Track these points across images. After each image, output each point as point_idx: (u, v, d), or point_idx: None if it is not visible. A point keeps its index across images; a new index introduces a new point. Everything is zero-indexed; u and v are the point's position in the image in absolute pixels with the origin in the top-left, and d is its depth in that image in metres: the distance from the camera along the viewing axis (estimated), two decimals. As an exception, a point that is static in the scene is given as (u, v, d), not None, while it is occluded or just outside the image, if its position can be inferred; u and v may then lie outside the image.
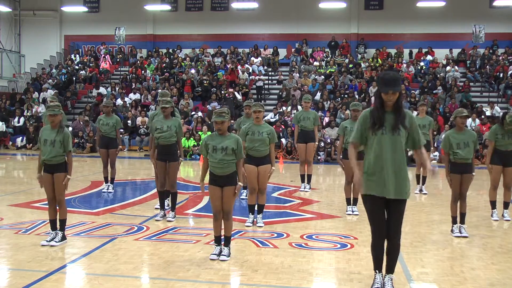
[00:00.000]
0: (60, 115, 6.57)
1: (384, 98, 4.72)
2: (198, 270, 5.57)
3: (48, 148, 6.42)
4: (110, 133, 10.57)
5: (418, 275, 5.45)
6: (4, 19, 28.03)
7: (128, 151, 20.50)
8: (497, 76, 22.91)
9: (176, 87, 23.10)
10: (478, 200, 9.98)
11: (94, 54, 27.41)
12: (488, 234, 7.49)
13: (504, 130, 8.03)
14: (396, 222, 4.81)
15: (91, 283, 5.20)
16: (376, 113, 4.75)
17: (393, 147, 4.72)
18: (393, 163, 4.71)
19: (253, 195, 7.70)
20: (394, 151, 4.72)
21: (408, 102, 20.61)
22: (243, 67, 24.19)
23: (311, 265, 5.82)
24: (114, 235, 7.02)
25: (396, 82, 4.70)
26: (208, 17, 26.98)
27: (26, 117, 22.10)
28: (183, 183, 12.08)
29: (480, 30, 24.21)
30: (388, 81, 4.67)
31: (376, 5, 26.09)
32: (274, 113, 20.94)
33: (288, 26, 26.48)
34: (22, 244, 6.50)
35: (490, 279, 5.44)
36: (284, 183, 12.25)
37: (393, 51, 25.30)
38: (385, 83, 4.67)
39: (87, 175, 13.22)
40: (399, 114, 4.74)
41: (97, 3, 27.93)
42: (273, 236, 7.15)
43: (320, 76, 23.41)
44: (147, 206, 9.23)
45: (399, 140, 4.72)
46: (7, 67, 26.37)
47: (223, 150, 5.86)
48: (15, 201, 9.46)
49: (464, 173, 7.18)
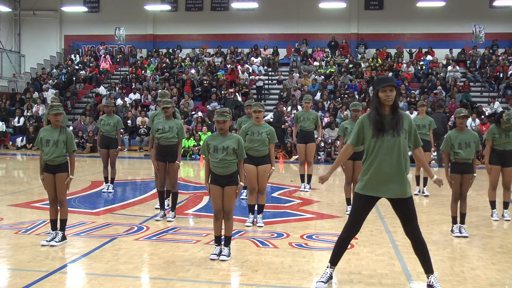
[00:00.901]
0: (63, 115, 6.61)
1: (382, 96, 4.77)
2: (198, 270, 5.57)
3: (51, 149, 6.42)
4: (111, 133, 10.58)
5: (418, 275, 5.44)
6: (4, 19, 28.03)
7: (128, 151, 20.50)
8: (497, 76, 22.91)
9: (176, 87, 23.10)
10: (478, 200, 9.98)
11: (94, 54, 27.42)
12: (488, 234, 7.49)
13: (501, 129, 8.04)
14: (412, 219, 4.91)
15: (91, 283, 5.19)
16: (375, 117, 4.80)
17: (393, 149, 4.77)
18: (395, 164, 4.77)
19: (252, 195, 7.70)
20: (394, 152, 4.77)
21: (407, 102, 20.62)
22: (243, 67, 24.19)
23: (311, 265, 5.82)
24: (114, 235, 7.02)
25: (392, 79, 4.87)
26: (208, 17, 26.99)
27: (26, 117, 22.11)
28: (183, 183, 12.08)
29: (480, 30, 24.21)
30: (384, 78, 4.84)
31: (376, 5, 26.11)
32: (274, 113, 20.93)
33: (288, 26, 26.49)
34: (22, 244, 6.50)
35: (490, 279, 5.44)
36: (284, 183, 12.25)
37: (393, 51, 25.31)
38: (381, 80, 4.82)
39: (87, 175, 13.22)
40: (398, 116, 4.79)
41: (97, 3, 27.94)
42: (273, 236, 7.15)
43: (320, 76, 23.42)
44: (147, 206, 9.23)
45: (399, 141, 4.77)
46: (7, 67, 26.38)
47: (224, 150, 5.86)
48: (15, 201, 9.45)
49: (464, 173, 7.18)
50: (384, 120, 4.78)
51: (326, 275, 5.12)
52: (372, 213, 8.43)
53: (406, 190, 4.83)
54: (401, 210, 4.92)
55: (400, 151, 4.78)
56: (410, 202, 4.89)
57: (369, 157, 4.87)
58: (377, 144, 4.79)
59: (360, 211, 5.00)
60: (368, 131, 4.84)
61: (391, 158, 4.77)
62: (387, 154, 4.77)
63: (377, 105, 4.82)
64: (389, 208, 5.07)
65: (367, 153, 4.90)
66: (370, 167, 4.85)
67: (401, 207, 4.90)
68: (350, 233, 5.08)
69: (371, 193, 4.87)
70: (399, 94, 4.87)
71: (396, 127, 4.76)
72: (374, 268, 5.74)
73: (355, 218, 5.03)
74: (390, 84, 4.75)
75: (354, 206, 5.06)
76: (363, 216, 5.02)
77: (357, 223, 5.03)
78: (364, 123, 4.89)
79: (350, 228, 5.05)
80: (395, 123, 4.77)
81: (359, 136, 4.92)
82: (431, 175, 5.22)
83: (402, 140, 4.78)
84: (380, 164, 4.79)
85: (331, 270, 5.14)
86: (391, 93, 4.75)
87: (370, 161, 4.86)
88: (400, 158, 4.78)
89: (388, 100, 4.76)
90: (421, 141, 5.04)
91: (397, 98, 4.82)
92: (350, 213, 5.18)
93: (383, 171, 4.78)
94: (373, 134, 4.80)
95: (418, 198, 10.42)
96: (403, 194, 4.82)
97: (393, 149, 4.76)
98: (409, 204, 4.89)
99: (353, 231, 5.07)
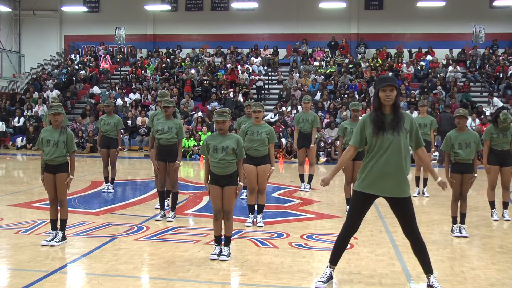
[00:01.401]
0: (63, 115, 6.61)
1: (382, 96, 4.78)
2: (198, 270, 5.57)
3: (52, 149, 6.42)
4: (111, 133, 10.58)
5: (418, 275, 5.44)
6: (4, 19, 28.03)
7: (128, 151, 20.50)
8: (497, 76, 22.91)
9: (176, 87, 23.10)
10: (478, 200, 9.98)
11: (94, 54, 27.42)
12: (488, 234, 7.49)
13: (499, 129, 8.04)
14: (411, 220, 4.92)
15: (91, 283, 5.19)
16: (376, 117, 4.82)
17: (394, 148, 4.78)
18: (394, 163, 4.78)
19: (252, 195, 7.69)
20: (395, 151, 4.78)
21: (408, 102, 20.62)
22: (243, 67, 24.19)
23: (311, 265, 5.82)
24: (114, 235, 7.02)
25: (393, 79, 4.88)
26: (208, 17, 26.99)
27: (26, 117, 22.12)
28: (183, 183, 12.08)
29: (480, 30, 24.21)
30: (385, 78, 4.85)
31: (376, 5, 26.10)
32: (274, 113, 20.95)
33: (288, 26, 26.49)
34: (22, 244, 6.50)
35: (490, 279, 5.44)
36: (284, 183, 12.25)
37: (393, 51, 25.31)
38: (382, 79, 4.84)
39: (87, 175, 13.22)
40: (398, 115, 4.81)
41: (97, 3, 27.94)
42: (273, 236, 7.15)
43: (320, 76, 23.41)
44: (147, 206, 9.23)
45: (400, 140, 4.77)
46: (7, 67, 26.38)
47: (223, 150, 5.86)
48: (15, 201, 9.45)
49: (465, 173, 7.18)
50: (385, 119, 4.79)
51: (326, 275, 5.12)
52: (372, 213, 8.46)
53: (404, 189, 4.83)
54: (399, 210, 4.92)
55: (400, 150, 4.78)
56: (409, 202, 4.89)
57: (368, 156, 4.90)
58: (377, 143, 4.81)
59: (358, 209, 5.00)
60: (369, 130, 4.85)
61: (390, 157, 4.77)
62: (386, 153, 4.78)
63: (377, 105, 4.84)
64: (389, 208, 5.07)
65: (368, 151, 4.92)
66: (368, 165, 4.87)
67: (399, 207, 4.90)
68: (348, 232, 5.07)
69: (368, 190, 4.87)
70: (400, 94, 4.87)
71: (397, 127, 4.77)
72: (374, 268, 5.74)
73: (353, 216, 5.03)
74: (390, 84, 4.76)
75: (352, 204, 5.06)
76: (361, 214, 5.02)
77: (356, 221, 5.03)
78: (365, 123, 4.91)
79: (348, 227, 5.05)
80: (396, 122, 4.78)
81: (362, 136, 4.93)
82: (435, 177, 5.15)
83: (403, 139, 4.79)
84: (379, 163, 4.80)
85: (331, 270, 5.15)
86: (391, 93, 4.76)
87: (369, 159, 4.87)
88: (400, 157, 4.78)
89: (388, 99, 4.78)
90: (423, 142, 5.03)
91: (398, 98, 4.83)
92: (348, 211, 5.19)
93: (382, 169, 4.79)
94: (373, 133, 4.81)
95: (417, 200, 10.40)
96: (401, 194, 4.82)
97: (393, 148, 4.77)
98: (407, 204, 4.89)
99: (351, 229, 5.06)
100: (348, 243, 5.17)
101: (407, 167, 4.87)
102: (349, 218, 5.06)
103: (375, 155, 4.83)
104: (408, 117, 4.89)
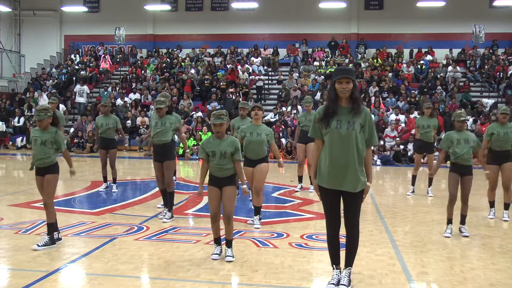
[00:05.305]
0: (48, 119, 6.37)
1: (338, 88, 4.71)
2: (198, 270, 5.57)
3: (40, 147, 6.35)
4: (108, 134, 10.56)
5: (418, 275, 5.45)
6: (4, 19, 28.04)
7: (128, 151, 20.48)
8: (497, 76, 22.91)
9: (176, 87, 23.10)
10: (478, 200, 9.98)
11: (94, 54, 27.42)
12: (488, 234, 7.49)
13: (500, 127, 8.06)
14: (352, 215, 4.83)
15: (91, 283, 5.19)
16: (330, 105, 4.75)
17: (346, 142, 4.69)
18: (345, 157, 4.69)
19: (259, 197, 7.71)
20: (347, 145, 4.69)
21: (408, 102, 20.61)
22: (243, 67, 24.19)
23: (311, 265, 5.82)
24: (114, 235, 7.02)
25: (350, 71, 4.78)
26: (208, 17, 26.99)
27: (26, 117, 22.11)
28: (183, 183, 12.08)
29: (480, 30, 24.22)
30: (341, 70, 4.76)
31: (376, 5, 26.11)
32: (274, 113, 20.95)
33: (288, 26, 26.49)
34: (22, 244, 6.50)
35: (490, 279, 5.43)
36: (284, 183, 12.25)
37: (393, 51, 25.31)
38: (339, 71, 4.75)
39: (87, 175, 13.22)
40: (355, 108, 4.72)
41: (97, 3, 27.95)
42: (273, 236, 7.15)
43: (320, 76, 23.41)
44: (147, 206, 9.23)
45: (353, 134, 4.69)
46: (7, 67, 26.40)
47: (222, 155, 5.85)
48: (15, 201, 9.45)
49: (464, 175, 7.17)
50: (338, 110, 4.71)
51: (335, 278, 4.98)
52: (372, 213, 8.47)
53: (356, 185, 4.71)
54: (346, 202, 4.81)
55: (353, 144, 4.68)
56: (357, 197, 4.78)
57: (324, 149, 4.82)
58: (330, 135, 4.73)
59: (327, 203, 4.89)
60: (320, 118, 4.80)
61: (343, 151, 4.68)
62: (340, 147, 4.69)
63: (333, 96, 4.75)
64: (389, 208, 5.07)
65: (324, 144, 4.83)
66: (323, 159, 4.80)
67: (347, 199, 4.80)
68: (331, 229, 4.93)
69: (324, 185, 4.80)
70: (356, 86, 4.76)
71: (352, 120, 4.69)
72: (374, 268, 5.73)
73: (327, 211, 4.92)
74: (346, 76, 4.67)
75: (321, 200, 4.95)
76: (334, 207, 4.87)
77: (333, 216, 4.89)
78: (319, 114, 4.84)
79: (329, 224, 4.94)
80: (352, 116, 4.70)
81: (315, 127, 4.86)
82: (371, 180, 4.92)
83: (356, 133, 4.68)
84: (332, 156, 4.71)
85: (337, 271, 5.00)
86: (347, 85, 4.67)
87: (324, 153, 4.80)
88: (353, 151, 4.68)
89: (344, 92, 4.69)
90: (376, 140, 4.90)
91: (356, 90, 4.74)
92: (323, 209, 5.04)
93: (335, 163, 4.70)
94: (323, 120, 4.74)
95: (417, 199, 10.39)
96: (350, 189, 4.72)
97: (347, 142, 4.68)
98: (355, 199, 4.78)
99: (334, 225, 4.91)
100: (339, 240, 4.97)
101: (361, 162, 4.75)
102: (325, 214, 4.95)
103: (329, 148, 4.74)
104: (365, 112, 4.77)
